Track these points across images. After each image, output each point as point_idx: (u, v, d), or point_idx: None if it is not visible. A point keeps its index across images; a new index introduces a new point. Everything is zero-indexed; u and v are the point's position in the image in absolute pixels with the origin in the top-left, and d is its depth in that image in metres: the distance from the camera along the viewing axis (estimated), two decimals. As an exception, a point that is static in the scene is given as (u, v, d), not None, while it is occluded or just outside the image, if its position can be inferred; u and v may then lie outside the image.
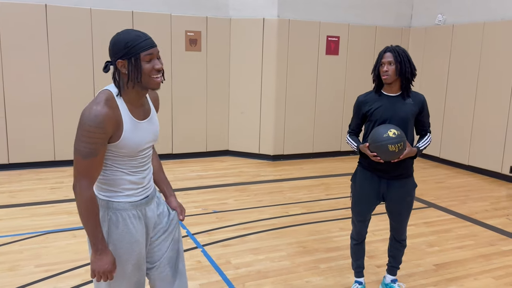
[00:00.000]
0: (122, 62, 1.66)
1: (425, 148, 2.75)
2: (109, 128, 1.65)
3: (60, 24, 5.81)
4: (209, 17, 6.59)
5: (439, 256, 3.65)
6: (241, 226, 4.16)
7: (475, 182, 6.03)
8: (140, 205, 1.85)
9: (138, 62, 1.65)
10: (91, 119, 1.61)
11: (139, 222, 1.83)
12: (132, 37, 1.66)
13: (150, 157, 1.90)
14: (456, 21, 6.78)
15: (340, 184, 5.75)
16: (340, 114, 7.29)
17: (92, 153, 1.63)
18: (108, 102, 1.66)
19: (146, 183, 1.87)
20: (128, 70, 1.66)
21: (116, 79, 1.71)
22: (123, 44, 1.65)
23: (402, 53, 2.62)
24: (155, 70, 1.69)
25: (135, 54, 1.65)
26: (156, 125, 1.89)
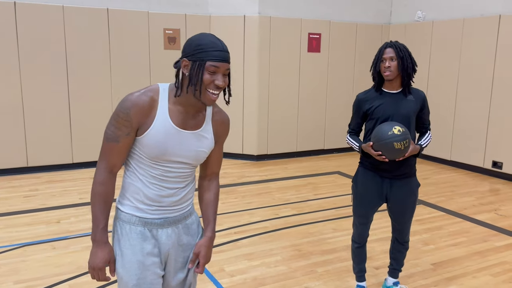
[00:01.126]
0: (187, 62, 1.52)
1: (426, 146, 2.67)
2: (136, 118, 1.52)
3: (30, 23, 5.49)
4: (188, 15, 6.39)
5: (436, 254, 3.60)
6: (232, 231, 4.01)
7: (459, 178, 6.08)
8: (152, 224, 1.63)
9: (202, 68, 1.50)
10: (122, 102, 1.53)
11: (145, 242, 1.62)
12: (207, 42, 1.51)
13: (183, 177, 1.64)
14: (436, 17, 6.82)
15: (327, 183, 5.68)
16: (323, 111, 7.23)
17: (114, 137, 1.54)
18: (149, 93, 1.56)
19: (166, 203, 1.63)
20: (190, 73, 1.51)
21: (178, 76, 1.57)
22: (195, 44, 1.51)
23: (403, 49, 2.54)
24: (214, 85, 1.53)
25: (201, 59, 1.50)
26: (201, 145, 1.64)
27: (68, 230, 3.94)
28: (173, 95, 1.57)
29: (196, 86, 1.51)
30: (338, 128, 7.26)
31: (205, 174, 1.80)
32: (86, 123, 5.98)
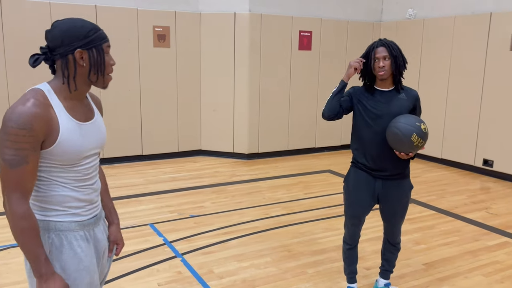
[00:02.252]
0: (82, 52, 1.43)
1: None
2: (39, 130, 1.36)
3: (16, 19, 5.37)
4: (177, 12, 6.29)
5: (427, 254, 3.57)
6: (222, 231, 3.95)
7: (450, 176, 6.07)
8: (89, 225, 1.56)
9: (102, 53, 1.47)
10: (14, 120, 1.33)
11: (88, 245, 1.55)
12: (91, 26, 1.46)
13: (96, 168, 1.60)
14: (427, 15, 6.80)
15: (318, 182, 5.63)
16: (314, 110, 7.18)
17: (21, 161, 1.35)
18: (38, 101, 1.38)
19: (95, 200, 1.59)
20: (90, 62, 1.45)
21: (66, 71, 1.45)
22: (84, 32, 1.43)
23: (395, 46, 2.50)
24: (110, 66, 1.53)
25: (98, 44, 1.46)
26: (102, 129, 1.62)
27: (54, 232, 3.85)
28: (62, 93, 1.46)
29: (101, 72, 1.49)
30: (329, 126, 7.22)
31: None
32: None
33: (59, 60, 1.45)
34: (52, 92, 1.45)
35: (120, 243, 1.77)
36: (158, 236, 3.80)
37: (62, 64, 1.45)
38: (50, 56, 1.46)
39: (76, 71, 1.45)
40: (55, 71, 1.50)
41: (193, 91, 6.62)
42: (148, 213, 4.36)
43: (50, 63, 1.48)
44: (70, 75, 1.45)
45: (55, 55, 1.45)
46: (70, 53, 1.43)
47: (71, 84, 1.46)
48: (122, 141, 6.23)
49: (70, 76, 1.45)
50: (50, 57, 1.46)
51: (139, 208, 4.50)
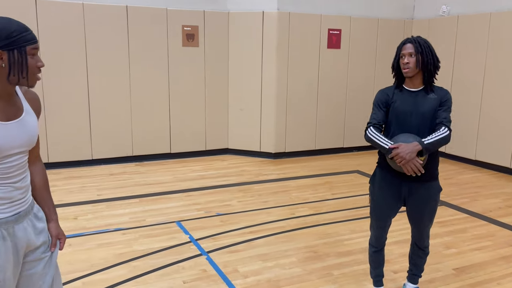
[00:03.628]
0: (1, 53, 1.43)
1: (436, 144, 2.33)
2: None
3: (50, 20, 5.55)
4: (206, 11, 6.34)
5: (458, 259, 3.46)
6: (247, 230, 3.95)
7: (484, 178, 5.86)
8: (7, 223, 1.54)
9: (24, 55, 1.46)
10: None
11: (3, 242, 1.52)
12: (16, 27, 1.45)
13: (22, 166, 1.59)
14: (461, 11, 6.59)
15: (345, 182, 5.56)
16: (342, 109, 7.09)
17: None
18: None
19: (17, 198, 1.57)
20: (10, 63, 1.44)
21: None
22: (5, 32, 1.42)
23: (424, 44, 2.41)
24: (37, 68, 1.51)
25: (20, 46, 1.45)
26: (31, 128, 1.59)
27: (85, 227, 3.96)
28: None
29: (23, 74, 1.47)
30: (357, 125, 7.11)
31: (29, 160, 1.69)
32: (106, 119, 6.02)
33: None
34: None
35: (62, 237, 1.79)
36: (185, 233, 3.84)
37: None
38: None
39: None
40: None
41: (220, 90, 6.66)
42: (175, 210, 4.42)
43: None
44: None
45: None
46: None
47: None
48: (151, 139, 6.34)
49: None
50: None
51: (168, 205, 4.57)
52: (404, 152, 2.26)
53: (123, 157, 6.22)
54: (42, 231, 1.70)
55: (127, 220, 4.14)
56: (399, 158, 2.27)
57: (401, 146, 2.28)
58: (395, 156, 2.29)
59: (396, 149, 2.28)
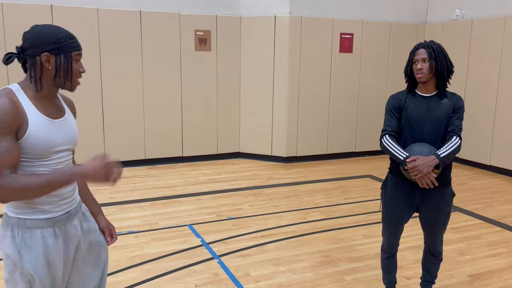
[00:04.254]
0: (48, 56, 1.54)
1: (451, 156, 2.31)
2: (10, 122, 1.45)
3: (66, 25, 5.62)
4: (219, 16, 6.38)
5: (472, 265, 3.42)
6: (259, 234, 3.95)
7: (499, 184, 5.78)
8: (59, 221, 1.62)
9: (69, 60, 1.58)
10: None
11: (55, 241, 1.60)
12: (64, 34, 1.58)
13: (68, 164, 1.68)
14: (476, 15, 6.52)
15: (357, 187, 5.52)
16: (354, 113, 7.06)
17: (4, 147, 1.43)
18: (6, 97, 1.48)
19: (67, 195, 1.65)
20: (56, 65, 1.56)
21: (32, 71, 1.56)
22: (54, 38, 1.55)
23: (437, 49, 2.39)
24: (79, 73, 1.63)
25: (66, 51, 1.57)
26: (73, 127, 1.70)
27: (98, 230, 3.99)
28: (31, 91, 1.56)
29: (67, 77, 1.58)
30: (370, 130, 7.07)
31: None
32: (118, 123, 6.08)
33: (28, 60, 1.56)
34: (20, 91, 1.55)
35: (112, 228, 1.91)
36: (196, 237, 3.85)
37: (30, 65, 1.56)
38: (22, 56, 1.56)
39: (42, 73, 1.55)
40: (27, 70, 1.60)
41: (232, 94, 6.69)
42: (187, 214, 4.43)
43: (22, 62, 1.59)
44: (36, 75, 1.56)
45: (26, 56, 1.56)
46: (38, 55, 1.54)
47: (37, 84, 1.56)
48: (163, 142, 6.38)
49: (36, 76, 1.56)
50: (22, 56, 1.57)
51: (179, 208, 4.59)
52: (421, 166, 2.24)
53: (136, 161, 6.27)
54: (90, 230, 1.78)
55: (139, 223, 4.17)
56: (416, 171, 2.26)
57: (418, 160, 2.26)
58: (412, 169, 2.27)
59: (414, 161, 2.26)
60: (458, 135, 2.38)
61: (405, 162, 2.30)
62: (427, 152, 2.30)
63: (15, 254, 1.55)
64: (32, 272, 1.56)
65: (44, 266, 1.57)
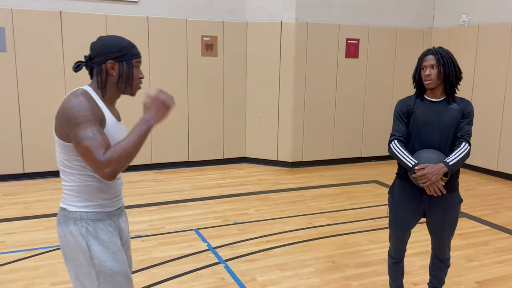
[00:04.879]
0: (113, 64, 1.68)
1: (460, 163, 2.34)
2: (96, 113, 1.62)
3: (75, 31, 5.70)
4: (225, 21, 6.43)
5: (480, 272, 3.40)
6: (265, 239, 3.95)
7: (507, 190, 5.74)
8: (114, 215, 1.77)
9: (131, 67, 1.72)
10: (76, 106, 1.58)
11: (114, 233, 1.76)
12: (127, 43, 1.72)
13: None
14: (482, 21, 6.52)
15: (363, 192, 5.52)
16: (360, 118, 7.06)
17: (98, 134, 1.56)
18: (86, 96, 1.64)
19: (119, 192, 1.81)
20: (119, 72, 1.70)
21: (99, 77, 1.71)
22: (118, 47, 1.69)
23: (446, 55, 2.40)
24: (139, 79, 1.78)
25: (128, 59, 1.71)
26: (125, 131, 1.82)
27: (105, 234, 4.01)
28: (100, 95, 1.71)
29: (128, 83, 1.73)
30: (376, 135, 7.07)
31: None
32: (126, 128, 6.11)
33: (95, 68, 1.71)
34: (94, 93, 1.71)
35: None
36: (203, 241, 3.87)
37: (97, 72, 1.70)
38: (89, 64, 1.71)
39: (107, 79, 1.71)
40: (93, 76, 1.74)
41: (238, 99, 6.71)
42: (193, 218, 4.45)
43: (89, 69, 1.73)
44: (101, 81, 1.71)
45: (93, 63, 1.70)
46: (104, 63, 1.69)
47: (103, 89, 1.72)
48: (169, 147, 6.42)
49: (102, 82, 1.71)
50: (89, 64, 1.72)
51: (186, 213, 4.60)
52: (430, 174, 2.24)
53: (142, 165, 6.30)
54: (128, 229, 1.93)
55: (146, 227, 4.19)
56: (424, 179, 2.26)
57: (427, 167, 2.26)
58: (420, 177, 2.27)
59: (422, 169, 2.26)
60: (467, 141, 2.39)
61: (413, 170, 2.30)
62: (436, 159, 2.30)
63: (83, 246, 1.66)
64: (101, 260, 1.66)
65: (113, 252, 1.70)
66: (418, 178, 2.28)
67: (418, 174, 2.27)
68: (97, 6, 5.83)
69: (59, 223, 1.71)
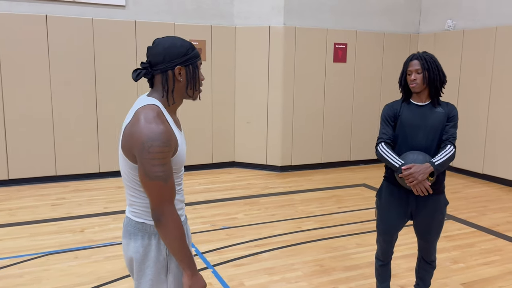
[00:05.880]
0: (180, 68, 1.55)
1: (445, 164, 2.36)
2: (173, 144, 1.51)
3: (60, 34, 5.65)
4: (213, 26, 6.43)
5: (466, 274, 3.43)
6: (253, 243, 3.94)
7: (492, 192, 5.82)
8: (184, 224, 1.70)
9: (197, 69, 1.59)
10: (156, 139, 1.44)
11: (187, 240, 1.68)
12: (189, 44, 1.58)
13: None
14: (467, 26, 6.62)
15: (352, 196, 5.54)
16: (349, 122, 7.10)
17: (169, 174, 1.49)
18: (161, 117, 1.50)
19: (185, 200, 1.75)
20: (187, 77, 1.57)
21: (166, 85, 1.56)
22: (183, 50, 1.55)
23: (430, 60, 2.44)
24: (202, 81, 1.65)
25: (193, 62, 1.58)
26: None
27: (92, 240, 3.98)
28: (165, 107, 1.58)
29: (195, 87, 1.61)
30: (364, 139, 7.12)
31: None
32: (113, 132, 6.08)
33: (159, 74, 1.56)
34: (162, 106, 1.56)
35: None
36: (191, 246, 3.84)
37: (162, 79, 1.56)
38: (150, 71, 1.56)
39: (174, 86, 1.56)
40: (153, 84, 1.60)
41: (227, 104, 6.71)
42: (181, 223, 4.42)
43: (150, 77, 1.58)
44: (169, 89, 1.56)
45: (156, 70, 1.55)
46: (170, 69, 1.54)
47: (170, 98, 1.58)
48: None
49: (169, 90, 1.56)
50: (150, 71, 1.56)
51: (173, 218, 4.57)
52: (417, 173, 2.27)
53: (130, 170, 6.24)
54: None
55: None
56: (411, 178, 2.29)
57: (414, 167, 2.29)
58: (407, 176, 2.29)
59: (409, 169, 2.29)
60: (452, 144, 2.43)
61: (400, 169, 2.33)
62: (422, 159, 2.34)
63: (163, 259, 1.59)
64: (175, 276, 1.61)
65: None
66: (405, 178, 2.31)
67: (405, 173, 2.30)
68: (84, 10, 5.80)
69: (135, 237, 1.59)
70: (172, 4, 6.26)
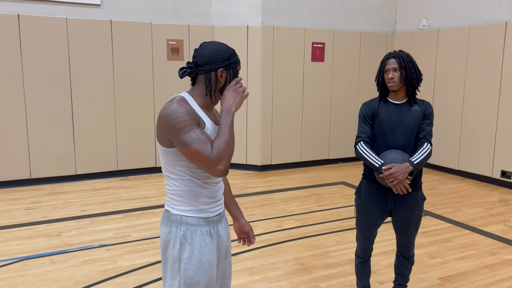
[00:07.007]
0: (223, 71, 1.69)
1: (423, 162, 2.41)
2: (194, 117, 1.62)
3: (34, 34, 5.51)
4: (191, 25, 6.38)
5: (443, 268, 3.50)
6: (234, 243, 3.92)
7: (467, 188, 5.95)
8: (213, 221, 1.76)
9: (236, 74, 1.73)
10: (174, 111, 1.59)
11: (211, 240, 1.74)
12: (232, 50, 1.73)
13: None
14: (441, 25, 6.76)
15: (331, 194, 5.59)
16: (327, 121, 7.16)
17: (201, 136, 1.57)
18: (182, 102, 1.65)
19: (219, 198, 1.79)
20: (226, 79, 1.70)
21: (209, 85, 1.70)
22: (227, 54, 1.70)
23: (407, 58, 2.47)
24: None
25: (235, 66, 1.72)
26: None
27: (68, 244, 3.89)
28: (199, 100, 1.70)
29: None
30: (342, 137, 7.19)
31: None
32: (89, 134, 5.96)
33: (202, 75, 1.70)
34: (191, 98, 1.70)
35: (252, 231, 2.04)
36: (171, 248, 3.80)
37: (206, 79, 1.69)
38: (195, 71, 1.70)
39: (216, 86, 1.71)
40: (194, 83, 1.74)
41: (206, 103, 6.66)
42: (161, 225, 4.37)
43: (193, 76, 1.72)
44: (212, 89, 1.70)
45: (200, 71, 1.69)
46: (214, 71, 1.68)
47: (213, 96, 1.72)
48: (136, 153, 6.30)
49: (212, 90, 1.71)
50: (195, 71, 1.70)
51: (153, 220, 4.52)
52: (397, 173, 2.31)
53: (108, 172, 6.15)
54: (229, 235, 1.90)
55: (112, 236, 4.09)
56: (392, 178, 2.32)
57: (394, 167, 2.32)
58: (388, 176, 2.33)
59: (389, 169, 2.32)
60: (429, 141, 2.47)
61: (380, 169, 2.35)
62: (401, 158, 2.37)
63: (176, 248, 1.69)
64: (186, 267, 1.68)
65: (200, 263, 1.69)
66: (386, 178, 2.33)
67: (385, 174, 2.32)
68: (57, 9, 5.66)
69: (162, 223, 1.76)
70: (149, 3, 6.18)
